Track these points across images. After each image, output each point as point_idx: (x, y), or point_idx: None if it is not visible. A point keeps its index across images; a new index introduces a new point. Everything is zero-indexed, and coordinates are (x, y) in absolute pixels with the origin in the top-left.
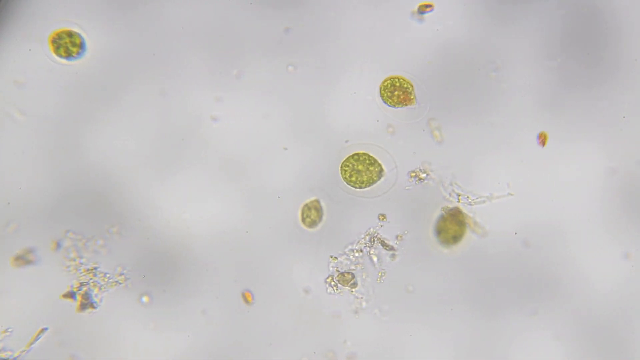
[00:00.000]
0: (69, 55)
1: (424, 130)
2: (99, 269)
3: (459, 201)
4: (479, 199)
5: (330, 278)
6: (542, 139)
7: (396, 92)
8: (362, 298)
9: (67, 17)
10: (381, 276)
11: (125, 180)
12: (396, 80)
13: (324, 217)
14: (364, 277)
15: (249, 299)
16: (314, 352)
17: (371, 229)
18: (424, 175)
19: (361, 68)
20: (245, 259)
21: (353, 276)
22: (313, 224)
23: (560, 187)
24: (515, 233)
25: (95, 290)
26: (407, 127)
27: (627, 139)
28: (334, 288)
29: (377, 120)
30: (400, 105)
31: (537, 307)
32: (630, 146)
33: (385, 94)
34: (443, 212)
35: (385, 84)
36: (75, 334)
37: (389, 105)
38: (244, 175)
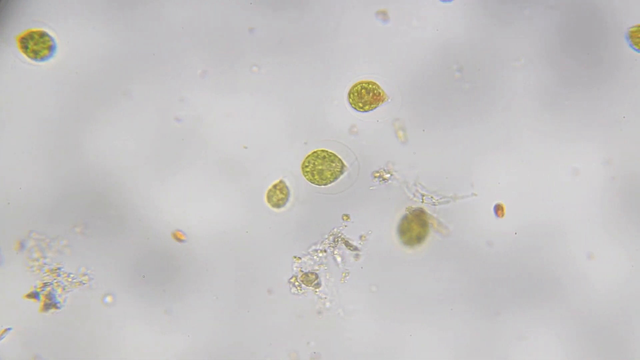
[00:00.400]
0: (35, 57)
1: (424, 130)
2: (62, 269)
3: (422, 201)
4: (443, 199)
5: (294, 278)
6: (500, 211)
7: (365, 98)
8: (325, 298)
9: (42, 19)
10: (345, 276)
11: (125, 180)
12: (358, 86)
13: (291, 197)
14: (327, 277)
15: (181, 237)
16: (314, 352)
17: (335, 229)
18: (388, 175)
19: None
20: (245, 259)
21: (317, 276)
22: (279, 204)
23: (560, 187)
24: (515, 233)
25: (59, 291)
26: (383, 124)
27: (627, 139)
28: (298, 288)
29: (377, 120)
30: (375, 106)
31: (531, 306)
32: (630, 146)
33: (357, 105)
34: (407, 212)
35: (353, 97)
36: (39, 334)
37: (366, 112)
38: (244, 175)
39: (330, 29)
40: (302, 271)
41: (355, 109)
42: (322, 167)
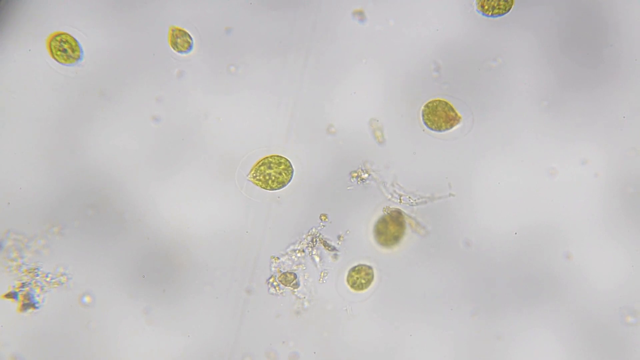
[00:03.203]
0: (67, 61)
1: (424, 130)
2: (40, 269)
3: (400, 202)
4: (421, 200)
5: (272, 278)
6: None
7: (438, 114)
8: (304, 298)
9: (64, 20)
10: (323, 276)
11: (125, 180)
12: (434, 102)
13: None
14: (306, 277)
15: None
16: (314, 352)
17: (313, 229)
18: (366, 175)
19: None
20: (245, 259)
21: (295, 276)
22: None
23: (560, 187)
24: (515, 233)
25: (37, 290)
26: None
27: (627, 139)
28: (276, 288)
29: (377, 120)
30: (446, 126)
31: (532, 306)
32: (630, 146)
33: (428, 120)
34: (384, 212)
35: (425, 109)
36: (17, 334)
37: (435, 129)
38: (244, 174)
39: (329, 30)
40: (280, 271)
41: (426, 123)
42: (273, 172)
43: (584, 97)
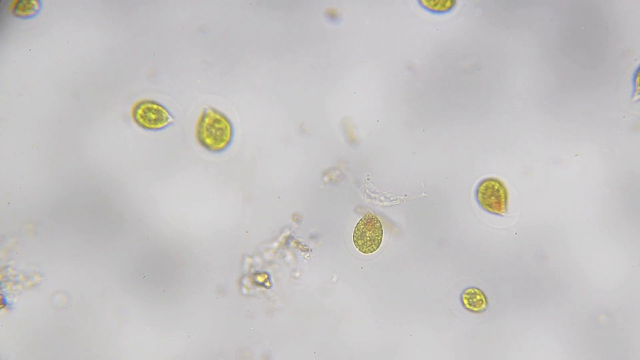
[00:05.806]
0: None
1: (424, 130)
2: (12, 267)
3: (370, 197)
4: (394, 200)
5: (245, 278)
6: None
7: (492, 198)
8: (276, 298)
9: (65, 21)
10: (296, 276)
11: (125, 180)
12: (496, 184)
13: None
14: (278, 276)
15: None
16: (314, 352)
17: (286, 229)
18: (339, 174)
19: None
20: (244, 259)
21: (268, 276)
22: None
23: (560, 187)
24: (515, 233)
25: (8, 287)
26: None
27: (627, 139)
28: (249, 288)
29: (377, 120)
30: (489, 210)
31: (532, 306)
32: (630, 146)
33: (480, 194)
34: (359, 214)
35: (485, 186)
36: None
37: (480, 205)
38: (244, 175)
39: (329, 30)
40: (252, 270)
41: (478, 201)
42: (209, 142)
43: (584, 97)
